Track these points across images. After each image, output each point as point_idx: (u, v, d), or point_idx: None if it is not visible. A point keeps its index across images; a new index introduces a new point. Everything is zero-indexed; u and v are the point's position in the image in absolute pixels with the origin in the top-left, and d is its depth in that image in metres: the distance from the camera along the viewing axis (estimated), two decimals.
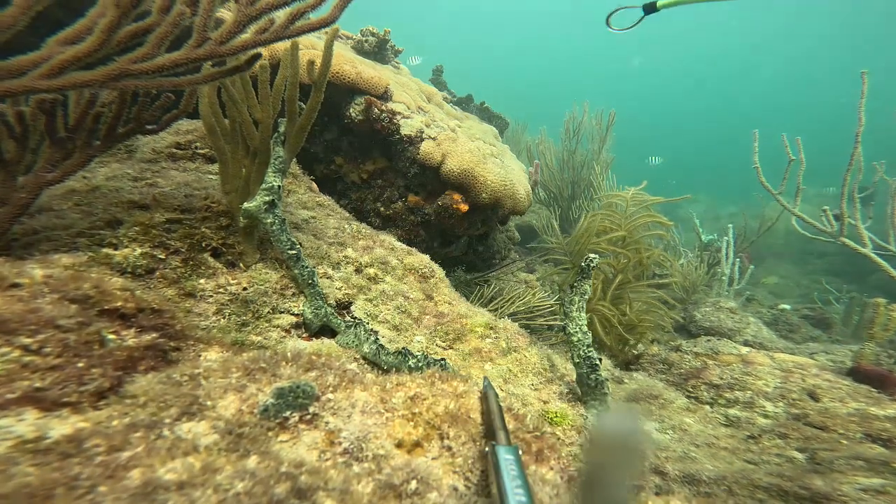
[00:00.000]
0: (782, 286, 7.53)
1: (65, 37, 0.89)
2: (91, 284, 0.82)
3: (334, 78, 2.41)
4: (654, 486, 1.23)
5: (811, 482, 1.19)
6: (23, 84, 0.83)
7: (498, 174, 2.60)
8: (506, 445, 0.62)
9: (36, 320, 0.69)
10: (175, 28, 0.90)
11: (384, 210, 2.63)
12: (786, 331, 4.24)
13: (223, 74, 0.98)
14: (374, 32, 3.39)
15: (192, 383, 0.70)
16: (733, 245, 5.01)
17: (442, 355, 1.42)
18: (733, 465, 1.37)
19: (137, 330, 0.83)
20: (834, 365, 2.37)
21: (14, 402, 0.60)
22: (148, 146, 1.68)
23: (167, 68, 0.90)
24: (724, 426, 1.78)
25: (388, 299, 1.54)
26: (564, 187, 5.56)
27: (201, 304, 1.19)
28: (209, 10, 0.92)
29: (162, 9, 0.89)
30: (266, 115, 1.37)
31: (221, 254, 1.33)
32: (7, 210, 1.03)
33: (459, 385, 0.80)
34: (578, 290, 1.43)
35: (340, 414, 0.68)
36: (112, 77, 0.87)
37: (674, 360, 2.31)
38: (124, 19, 0.85)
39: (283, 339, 1.25)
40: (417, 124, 2.58)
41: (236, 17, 0.93)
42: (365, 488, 0.56)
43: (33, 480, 0.48)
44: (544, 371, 1.50)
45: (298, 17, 0.97)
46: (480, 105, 4.55)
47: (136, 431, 0.58)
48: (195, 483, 0.51)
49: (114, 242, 1.15)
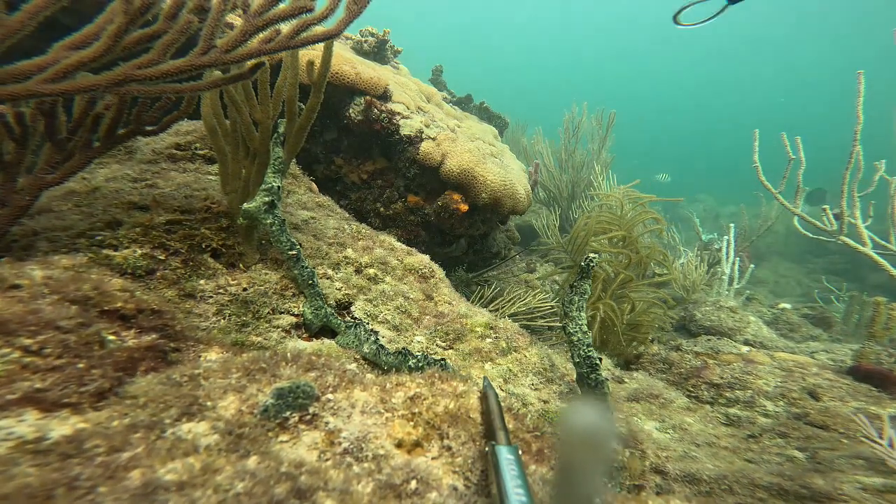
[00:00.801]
0: (783, 285, 7.52)
1: (71, 42, 0.89)
2: (91, 285, 0.82)
3: (334, 78, 2.41)
4: (655, 486, 1.24)
5: (812, 481, 1.19)
6: (27, 88, 0.83)
7: (498, 174, 2.60)
8: (506, 445, 0.62)
9: (36, 321, 0.69)
10: (182, 35, 0.91)
11: (384, 210, 2.63)
12: (786, 330, 4.24)
13: (226, 82, 0.99)
14: (374, 33, 3.40)
15: (192, 384, 0.70)
16: (734, 244, 5.01)
17: (442, 355, 1.42)
18: (734, 464, 1.37)
19: (137, 331, 0.83)
20: (834, 364, 2.37)
21: (14, 402, 0.60)
22: (148, 147, 1.68)
23: (171, 74, 0.90)
24: (724, 425, 1.78)
25: (388, 299, 1.54)
26: (564, 187, 5.56)
27: (201, 304, 1.19)
28: (217, 18, 0.92)
29: (169, 16, 0.90)
30: (266, 115, 1.37)
31: (221, 255, 1.33)
32: (7, 211, 1.03)
33: (459, 385, 0.80)
34: (578, 289, 1.43)
35: (340, 414, 0.68)
36: (116, 82, 0.88)
37: (674, 359, 2.31)
38: (132, 26, 0.86)
39: (284, 340, 1.25)
40: (417, 124, 2.58)
41: (243, 27, 0.93)
42: (365, 488, 0.56)
43: (34, 481, 0.49)
44: (544, 371, 1.50)
45: (304, 29, 0.97)
46: (480, 105, 4.55)
47: (136, 432, 0.58)
48: (195, 483, 0.51)
49: (114, 243, 1.15)
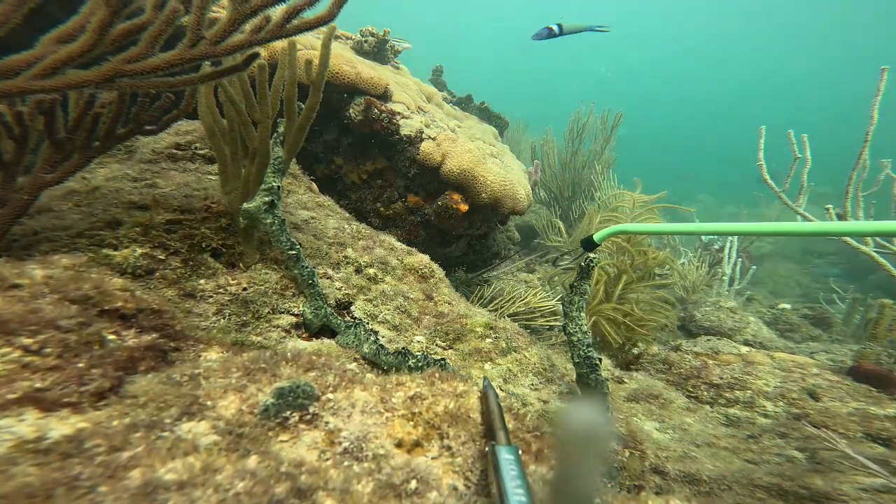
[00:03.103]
0: (782, 285, 7.52)
1: (58, 35, 0.87)
2: (91, 285, 0.82)
3: (333, 78, 2.41)
4: (655, 486, 1.24)
5: (811, 481, 1.19)
6: (17, 85, 0.81)
7: (498, 174, 2.60)
8: (506, 445, 0.62)
9: (36, 321, 0.69)
10: (168, 26, 0.88)
11: (384, 210, 2.63)
12: (786, 330, 4.24)
13: (220, 74, 0.97)
14: (374, 32, 3.39)
15: (192, 383, 0.70)
16: (736, 245, 5.01)
17: (442, 355, 1.42)
18: (733, 464, 1.37)
19: (137, 330, 0.83)
20: (834, 364, 2.37)
21: (14, 402, 0.60)
22: (148, 147, 1.68)
23: (162, 68, 0.88)
24: (724, 426, 1.78)
25: (387, 299, 1.54)
26: (565, 187, 5.56)
27: (201, 304, 1.19)
28: (202, 7, 0.90)
29: (155, 6, 0.87)
30: (265, 115, 1.37)
31: (221, 254, 1.33)
32: (7, 211, 1.03)
33: (459, 385, 0.80)
34: (578, 290, 1.43)
35: (340, 414, 0.68)
36: (106, 77, 0.86)
37: (674, 359, 2.31)
38: (115, 17, 0.83)
39: (283, 340, 1.26)
40: (417, 124, 2.58)
41: (230, 15, 0.91)
42: (365, 488, 0.56)
43: (34, 480, 0.49)
44: (544, 371, 1.50)
45: (294, 16, 0.95)
46: (480, 105, 4.55)
47: (136, 431, 0.58)
48: (195, 483, 0.51)
49: (114, 243, 1.15)
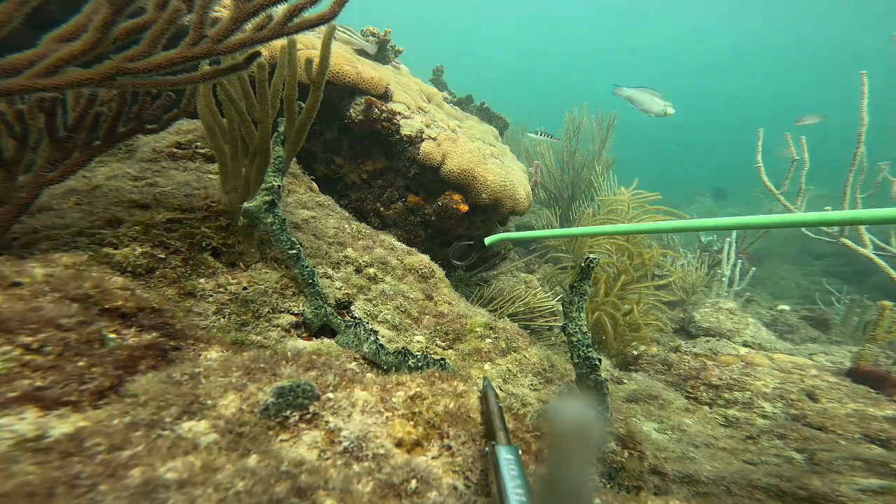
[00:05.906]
0: (782, 286, 7.53)
1: (60, 34, 0.87)
2: (92, 283, 0.82)
3: (334, 78, 2.41)
4: (654, 487, 1.24)
5: (809, 483, 1.19)
6: (19, 83, 0.81)
7: (498, 174, 2.60)
8: (506, 445, 0.62)
9: (37, 319, 0.69)
10: (171, 25, 0.88)
11: (384, 210, 2.63)
12: (785, 332, 4.25)
13: (221, 73, 0.97)
14: (375, 33, 3.39)
15: (192, 382, 0.70)
16: (735, 246, 5.01)
17: (442, 355, 1.42)
18: (732, 465, 1.37)
19: (138, 329, 0.83)
20: (833, 366, 2.38)
21: (15, 400, 0.60)
22: (148, 145, 1.68)
23: (163, 67, 0.88)
24: (722, 427, 1.78)
25: (387, 299, 1.54)
26: (564, 188, 5.56)
27: (201, 303, 1.19)
28: (205, 5, 0.90)
29: (158, 5, 0.88)
30: (265, 114, 1.37)
31: (221, 253, 1.33)
32: (7, 209, 1.03)
33: (459, 385, 0.80)
34: (578, 290, 1.43)
35: (340, 413, 0.68)
36: (108, 76, 0.86)
37: (673, 360, 2.31)
38: (118, 16, 0.83)
39: (283, 339, 1.25)
40: (417, 124, 2.58)
41: (233, 13, 0.91)
42: (365, 487, 0.56)
43: (34, 479, 0.49)
44: (544, 371, 1.50)
45: (296, 14, 0.95)
46: (481, 105, 4.55)
47: (136, 430, 0.58)
48: (196, 482, 0.51)
49: (114, 242, 1.15)
